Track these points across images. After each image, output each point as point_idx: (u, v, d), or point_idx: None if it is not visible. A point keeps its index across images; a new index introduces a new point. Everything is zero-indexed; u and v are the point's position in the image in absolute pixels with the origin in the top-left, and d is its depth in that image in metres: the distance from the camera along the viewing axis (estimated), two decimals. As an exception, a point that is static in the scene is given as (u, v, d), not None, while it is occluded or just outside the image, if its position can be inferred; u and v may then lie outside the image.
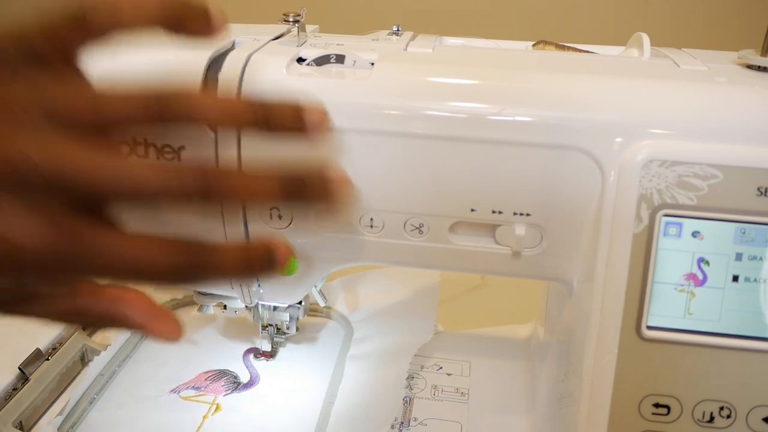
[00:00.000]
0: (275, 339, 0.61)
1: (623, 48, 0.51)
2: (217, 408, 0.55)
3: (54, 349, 0.56)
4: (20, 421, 0.51)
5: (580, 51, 0.50)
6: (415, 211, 0.43)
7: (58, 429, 0.50)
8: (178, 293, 0.68)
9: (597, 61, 0.46)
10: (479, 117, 0.41)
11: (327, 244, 0.45)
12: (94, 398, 0.55)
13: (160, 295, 0.67)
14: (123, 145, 0.39)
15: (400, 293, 0.68)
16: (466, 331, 0.65)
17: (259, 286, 0.50)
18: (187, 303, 0.69)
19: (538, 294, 0.60)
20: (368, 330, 0.64)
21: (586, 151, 0.40)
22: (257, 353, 0.62)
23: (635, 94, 0.41)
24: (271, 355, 0.62)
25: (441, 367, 0.60)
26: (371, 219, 0.43)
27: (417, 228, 0.44)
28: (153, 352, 0.62)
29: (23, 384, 0.52)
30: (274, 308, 0.58)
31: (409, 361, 0.57)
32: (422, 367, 0.60)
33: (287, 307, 0.57)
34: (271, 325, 0.60)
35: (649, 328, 0.41)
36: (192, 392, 0.57)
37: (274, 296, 0.51)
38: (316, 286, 0.59)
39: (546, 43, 0.50)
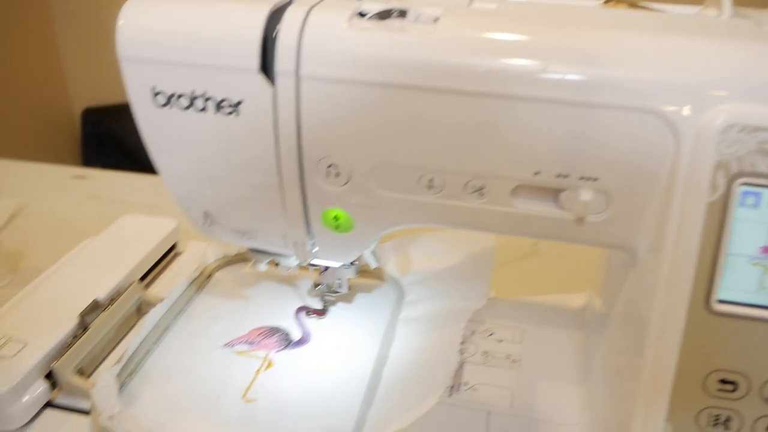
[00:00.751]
0: (326, 297, 0.59)
1: (700, 8, 0.46)
2: (269, 364, 0.53)
3: (112, 300, 0.56)
4: (80, 368, 0.52)
5: (653, 10, 0.45)
6: (477, 172, 0.40)
7: (117, 376, 0.49)
8: (231, 249, 0.67)
9: (672, 20, 0.42)
10: (546, 76, 0.38)
11: (384, 204, 0.43)
12: (151, 348, 0.54)
13: (214, 252, 0.66)
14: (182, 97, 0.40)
15: (453, 257, 0.63)
16: (519, 299, 0.62)
17: (313, 244, 0.47)
18: (240, 259, 0.67)
19: (593, 263, 0.57)
20: (420, 293, 0.61)
21: (659, 114, 0.37)
22: (309, 311, 0.59)
23: (714, 55, 0.37)
24: (322, 313, 0.59)
25: (492, 333, 0.57)
26: (431, 180, 0.41)
27: (477, 190, 0.41)
28: (207, 306, 0.60)
29: (83, 333, 0.52)
30: (326, 267, 0.55)
31: (463, 326, 0.54)
32: (473, 332, 0.58)
33: (339, 267, 0.54)
34: (322, 284, 0.57)
35: (720, 302, 0.38)
36: (245, 347, 0.55)
37: (327, 255, 0.48)
38: (369, 248, 0.52)
39: (618, 0, 0.46)
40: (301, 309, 0.60)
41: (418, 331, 0.57)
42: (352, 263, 0.54)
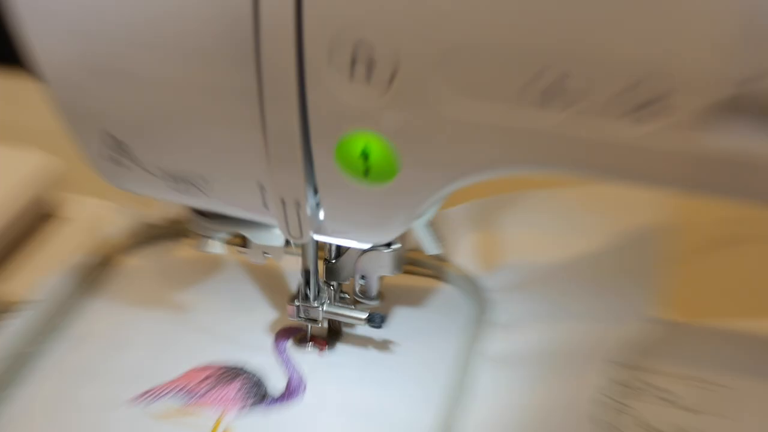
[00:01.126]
0: (338, 313, 0.48)
1: None
2: None
3: None
4: None
5: None
6: (649, 67, 0.30)
7: None
8: (153, 214, 0.58)
9: None
10: None
11: (460, 128, 0.34)
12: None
13: (121, 218, 0.58)
14: None
15: (582, 239, 0.56)
16: (714, 324, 0.52)
17: (316, 206, 0.39)
18: (169, 234, 0.60)
19: None
20: (520, 308, 0.53)
21: None
22: (301, 338, 0.50)
23: None
24: (326, 343, 0.48)
25: (664, 391, 0.48)
26: (558, 80, 0.31)
27: (645, 105, 0.31)
28: (102, 322, 0.53)
29: None
30: (339, 252, 0.48)
31: (601, 373, 0.47)
32: (625, 386, 0.48)
33: (364, 253, 0.46)
34: (331, 284, 0.47)
35: None
36: (176, 403, 0.46)
37: (344, 229, 0.41)
38: (422, 218, 0.46)
39: None
40: (285, 333, 0.51)
41: (515, 381, 0.48)
42: (389, 245, 0.44)
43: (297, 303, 0.50)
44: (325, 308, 0.50)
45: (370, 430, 0.47)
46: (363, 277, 0.49)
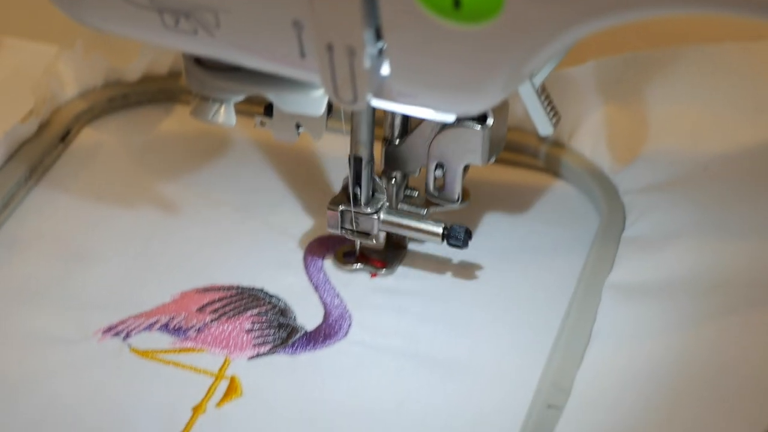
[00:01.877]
0: (402, 224, 0.48)
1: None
2: (232, 389, 0.45)
3: None
4: None
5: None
6: None
7: None
8: (132, 68, 0.58)
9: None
10: None
11: None
12: None
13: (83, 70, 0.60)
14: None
15: (765, 119, 0.55)
16: None
17: (380, 53, 0.37)
18: (160, 95, 0.58)
19: None
20: (667, 218, 0.52)
21: None
22: (346, 254, 0.50)
23: None
24: (382, 262, 0.50)
25: None
26: None
27: None
28: (56, 223, 0.53)
29: None
30: (407, 128, 0.46)
31: None
32: None
33: (444, 130, 0.46)
34: (393, 177, 0.47)
35: None
36: (166, 338, 0.46)
37: (418, 91, 0.40)
38: (533, 79, 0.45)
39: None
40: (322, 245, 0.51)
41: (656, 319, 0.48)
42: (481, 120, 0.46)
43: (341, 208, 0.48)
44: (382, 216, 0.48)
45: (440, 385, 0.46)
46: (440, 167, 0.47)
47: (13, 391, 0.48)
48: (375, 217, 0.51)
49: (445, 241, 0.51)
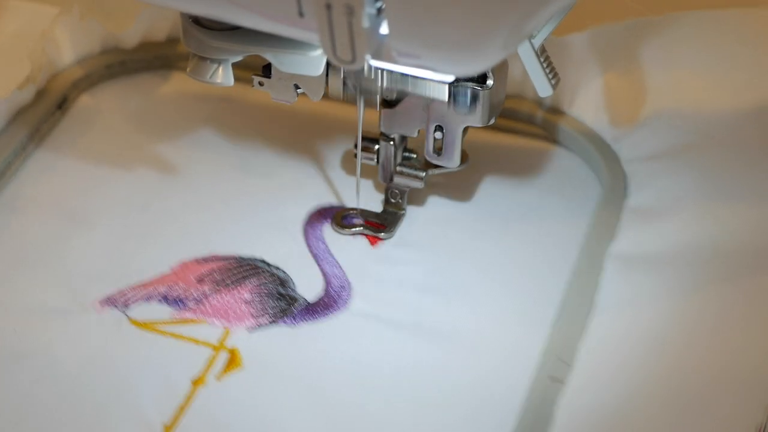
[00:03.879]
0: (399, 183, 0.49)
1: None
2: (232, 361, 0.45)
3: None
4: None
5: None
6: None
7: None
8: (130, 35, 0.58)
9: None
10: None
11: None
12: None
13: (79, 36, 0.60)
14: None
15: None
16: None
17: (379, 12, 0.38)
18: (157, 59, 0.59)
19: None
20: (670, 184, 0.52)
21: None
22: (344, 218, 0.52)
23: None
24: (383, 225, 0.51)
25: None
26: None
27: None
28: (55, 190, 0.53)
29: None
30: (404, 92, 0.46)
31: None
32: None
33: (443, 89, 0.46)
34: (392, 139, 0.48)
35: None
36: (163, 310, 0.47)
37: (417, 51, 0.41)
38: (533, 40, 0.45)
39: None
40: (321, 214, 0.52)
41: (659, 289, 0.48)
42: (480, 80, 0.46)
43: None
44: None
45: (444, 355, 0.46)
46: (439, 129, 0.47)
47: (12, 362, 0.49)
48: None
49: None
